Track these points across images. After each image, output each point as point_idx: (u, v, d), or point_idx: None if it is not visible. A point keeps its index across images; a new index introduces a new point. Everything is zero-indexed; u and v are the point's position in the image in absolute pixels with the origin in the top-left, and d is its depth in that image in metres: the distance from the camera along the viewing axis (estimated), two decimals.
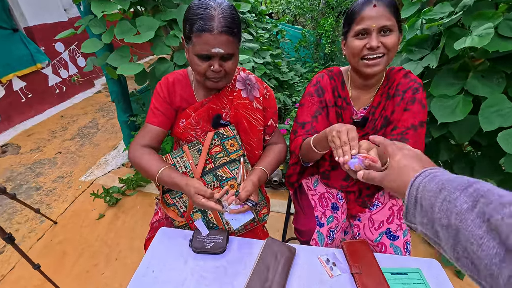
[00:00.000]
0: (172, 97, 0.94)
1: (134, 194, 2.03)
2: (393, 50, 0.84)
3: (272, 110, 1.03)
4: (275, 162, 1.00)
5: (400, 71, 0.96)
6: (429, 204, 0.37)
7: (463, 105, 1.07)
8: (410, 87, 0.92)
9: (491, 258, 0.29)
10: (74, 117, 3.20)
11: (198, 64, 0.82)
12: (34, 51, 3.05)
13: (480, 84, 1.06)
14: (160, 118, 0.94)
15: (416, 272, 0.81)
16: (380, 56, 0.84)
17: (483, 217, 0.31)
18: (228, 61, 0.83)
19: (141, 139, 0.93)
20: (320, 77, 1.01)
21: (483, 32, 0.91)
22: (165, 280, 0.77)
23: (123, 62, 1.26)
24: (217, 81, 0.86)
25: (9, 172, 2.28)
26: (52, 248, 1.64)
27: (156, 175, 0.85)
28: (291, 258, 0.81)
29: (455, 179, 0.37)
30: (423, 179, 0.41)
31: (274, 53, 3.37)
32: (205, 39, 0.77)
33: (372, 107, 0.97)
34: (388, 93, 0.95)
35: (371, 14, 0.81)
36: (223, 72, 0.84)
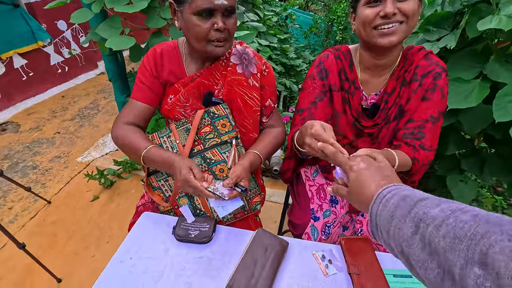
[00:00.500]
0: (160, 70, 0.84)
1: (130, 178, 1.98)
2: (413, 18, 0.71)
3: (271, 89, 0.93)
4: (272, 147, 0.91)
5: (420, 51, 0.82)
6: (385, 235, 0.39)
7: (479, 90, 0.95)
8: (430, 71, 0.79)
9: (436, 279, 0.31)
10: (76, 98, 3.15)
11: (199, 25, 0.71)
12: (36, 28, 2.97)
13: (502, 69, 0.93)
14: (146, 93, 0.85)
15: None
16: (397, 24, 0.71)
17: (424, 241, 0.32)
18: (230, 19, 0.75)
19: (125, 117, 0.84)
20: (324, 56, 0.89)
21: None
22: (143, 269, 0.70)
23: (113, 34, 1.17)
24: (221, 44, 0.76)
25: (7, 150, 2.25)
26: (44, 228, 1.61)
27: (142, 153, 0.77)
28: (282, 252, 0.73)
29: (403, 203, 0.37)
30: (378, 206, 0.41)
31: (282, 38, 3.22)
32: None
33: (386, 93, 0.84)
34: (404, 77, 0.82)
35: None
36: (227, 32, 0.75)
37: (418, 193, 0.38)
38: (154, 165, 0.80)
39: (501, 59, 1.00)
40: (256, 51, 0.95)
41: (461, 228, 0.28)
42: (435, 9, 1.24)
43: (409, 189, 0.40)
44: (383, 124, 0.86)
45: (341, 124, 0.89)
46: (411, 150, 0.79)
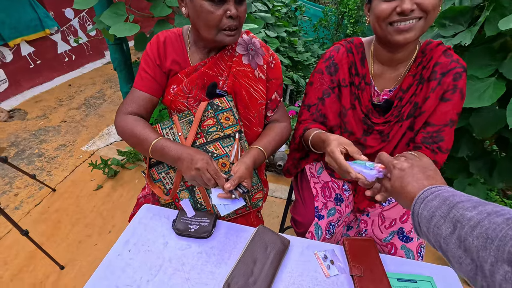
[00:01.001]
0: (163, 59, 0.82)
1: (134, 168, 1.98)
2: (433, 13, 0.66)
3: (278, 81, 0.90)
4: (276, 143, 0.88)
5: (438, 46, 0.77)
6: (426, 231, 0.43)
7: (494, 89, 0.91)
8: (451, 69, 0.74)
9: (470, 273, 0.35)
10: (82, 87, 3.15)
11: (211, 11, 0.68)
12: (43, 15, 2.96)
13: None
14: (148, 83, 0.82)
15: (427, 281, 0.69)
16: (414, 20, 0.66)
17: (460, 239, 0.36)
18: (242, 6, 0.72)
19: (127, 106, 0.82)
20: (335, 50, 0.85)
21: None
22: (140, 263, 0.69)
23: (117, 21, 1.14)
24: (233, 33, 0.73)
25: (13, 137, 2.28)
26: (48, 215, 1.63)
27: (150, 145, 0.75)
28: (283, 251, 0.71)
29: (443, 205, 0.40)
30: (419, 206, 0.44)
31: (290, 30, 3.14)
32: None
33: (401, 90, 0.80)
34: (422, 74, 0.78)
35: None
36: (239, 20, 0.72)
37: (458, 195, 0.41)
38: (162, 157, 0.77)
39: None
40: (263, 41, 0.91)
41: (494, 230, 0.32)
42: (453, 2, 1.18)
43: (450, 190, 0.43)
44: (395, 122, 0.82)
45: (349, 120, 0.85)
46: (430, 153, 0.78)
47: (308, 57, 3.25)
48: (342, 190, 0.94)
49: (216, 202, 0.74)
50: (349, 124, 0.85)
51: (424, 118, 0.79)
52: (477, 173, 1.24)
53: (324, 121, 0.86)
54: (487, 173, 1.21)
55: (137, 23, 1.20)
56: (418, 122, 0.80)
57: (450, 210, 0.38)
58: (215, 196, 0.74)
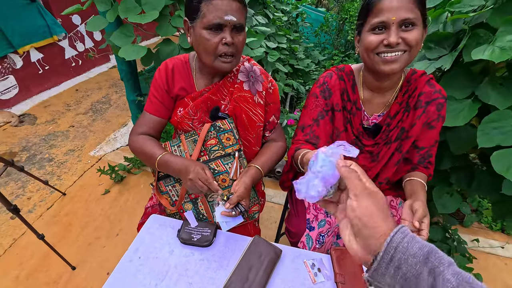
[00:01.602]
0: (171, 85, 0.91)
1: (139, 173, 2.08)
2: (416, 48, 0.74)
3: (275, 106, 0.98)
4: (272, 161, 0.97)
5: (422, 76, 0.86)
6: (414, 274, 0.34)
7: (468, 110, 0.98)
8: (434, 99, 0.84)
9: None
10: (89, 91, 3.25)
11: (208, 39, 0.76)
12: (51, 22, 3.07)
13: (494, 92, 0.95)
14: (157, 107, 0.91)
15: None
16: (400, 53, 0.74)
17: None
18: (239, 35, 0.79)
19: (139, 128, 0.92)
20: (328, 76, 0.92)
21: (506, 44, 0.80)
22: (149, 269, 0.78)
23: (126, 42, 1.23)
24: (229, 59, 0.81)
25: (25, 141, 2.38)
26: (59, 218, 1.73)
27: (157, 159, 0.85)
28: (275, 259, 0.80)
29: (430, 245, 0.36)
30: (403, 237, 0.36)
31: (291, 38, 3.22)
32: (217, 5, 0.73)
33: (389, 116, 0.88)
34: (408, 102, 0.86)
35: (391, 5, 0.70)
36: (235, 47, 0.79)
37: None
38: (167, 170, 0.87)
39: (495, 81, 1.01)
40: (263, 54, 1.00)
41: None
42: (439, 26, 1.25)
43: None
44: (384, 144, 0.90)
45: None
46: (426, 169, 0.91)
47: (308, 63, 3.33)
48: None
49: (219, 219, 0.84)
50: None
51: (410, 141, 0.87)
52: (457, 184, 1.31)
53: (316, 143, 0.92)
54: (466, 185, 1.28)
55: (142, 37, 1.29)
56: (405, 145, 0.88)
57: (452, 263, 0.35)
58: (219, 214, 0.83)
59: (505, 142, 0.89)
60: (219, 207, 0.83)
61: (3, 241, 1.57)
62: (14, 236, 1.61)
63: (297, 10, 3.69)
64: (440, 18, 1.28)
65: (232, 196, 0.82)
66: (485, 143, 0.90)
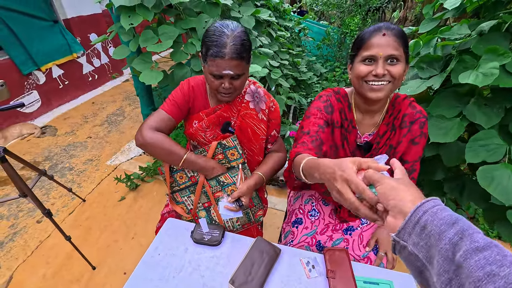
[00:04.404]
0: (192, 98, 1.06)
1: (152, 182, 2.24)
2: (399, 80, 0.86)
3: (276, 121, 1.13)
4: (273, 170, 1.12)
5: (405, 100, 0.98)
6: (438, 232, 0.37)
7: (457, 128, 1.09)
8: (417, 119, 0.94)
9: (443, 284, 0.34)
10: (104, 104, 3.48)
11: (212, 81, 0.93)
12: (71, 41, 3.33)
13: (479, 112, 1.07)
14: (174, 109, 1.03)
15: (387, 284, 0.89)
16: (385, 83, 0.86)
17: (488, 263, 0.32)
18: (237, 80, 0.94)
19: (153, 122, 0.99)
20: (329, 96, 1.03)
21: (488, 71, 0.93)
22: (167, 263, 0.92)
23: (145, 68, 1.41)
24: (227, 96, 0.97)
25: (47, 151, 2.59)
26: (81, 222, 1.90)
27: (184, 156, 0.99)
28: (274, 257, 0.93)
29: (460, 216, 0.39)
30: (434, 206, 0.41)
31: (294, 52, 3.40)
32: (218, 63, 0.88)
33: (378, 135, 1.00)
34: (394, 124, 0.98)
35: (379, 42, 0.83)
36: (233, 88, 0.95)
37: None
38: (191, 166, 1.02)
39: (481, 102, 1.12)
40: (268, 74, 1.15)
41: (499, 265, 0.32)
42: (430, 49, 1.39)
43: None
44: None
45: (340, 155, 1.04)
46: None
47: (311, 76, 3.49)
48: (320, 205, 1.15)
49: (221, 211, 1.02)
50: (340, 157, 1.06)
51: (397, 157, 0.99)
52: (450, 193, 1.43)
53: (320, 146, 0.93)
54: (458, 193, 1.39)
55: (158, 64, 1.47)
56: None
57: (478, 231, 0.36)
58: (222, 206, 1.01)
59: (490, 159, 1.00)
60: (223, 201, 1.01)
61: (31, 243, 1.74)
62: (41, 238, 1.77)
63: (299, 26, 3.88)
64: (431, 42, 1.41)
65: (234, 192, 0.98)
66: (472, 159, 1.02)
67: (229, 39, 0.86)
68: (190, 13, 1.52)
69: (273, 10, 3.01)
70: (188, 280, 0.88)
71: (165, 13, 1.53)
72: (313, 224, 1.10)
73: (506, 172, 0.95)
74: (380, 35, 0.83)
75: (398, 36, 0.83)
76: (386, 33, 0.83)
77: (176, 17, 1.55)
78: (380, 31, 0.83)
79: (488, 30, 1.10)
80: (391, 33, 0.83)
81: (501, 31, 1.05)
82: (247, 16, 1.77)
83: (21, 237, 1.78)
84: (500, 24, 1.06)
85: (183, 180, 1.09)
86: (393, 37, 0.83)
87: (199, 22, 1.47)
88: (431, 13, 1.37)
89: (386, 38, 0.83)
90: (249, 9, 1.84)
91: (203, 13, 1.52)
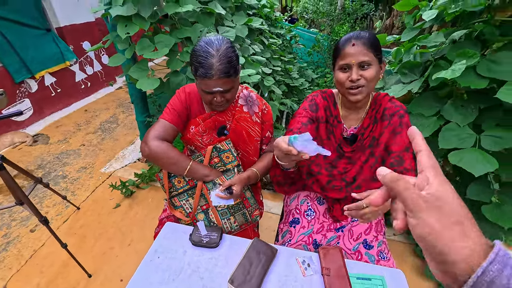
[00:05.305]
0: (189, 104, 1.10)
1: (147, 188, 2.24)
2: (373, 81, 0.95)
3: (270, 123, 1.19)
4: (267, 167, 1.17)
5: (385, 97, 1.07)
6: None
7: (433, 125, 1.18)
8: (395, 112, 1.03)
9: None
10: (97, 112, 3.47)
11: (204, 96, 0.99)
12: (64, 49, 3.33)
13: (456, 112, 1.16)
14: (175, 117, 1.07)
15: (379, 279, 0.94)
16: (361, 88, 0.96)
17: None
18: (228, 93, 0.99)
19: (157, 133, 1.04)
20: (315, 96, 1.14)
21: (456, 67, 1.01)
22: (167, 266, 0.94)
23: (142, 76, 1.44)
24: (220, 107, 1.03)
25: (39, 160, 2.56)
26: (75, 230, 1.88)
27: (188, 165, 1.04)
28: (271, 257, 0.96)
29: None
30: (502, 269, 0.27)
31: (286, 59, 3.48)
32: (207, 82, 0.93)
33: (362, 128, 1.09)
34: (376, 117, 1.06)
35: (350, 52, 0.93)
36: (225, 100, 1.00)
37: None
38: (193, 175, 1.06)
39: (458, 103, 1.22)
40: (261, 80, 1.20)
41: None
42: (410, 56, 1.48)
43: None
44: (359, 150, 1.10)
45: (325, 148, 1.11)
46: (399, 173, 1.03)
47: (302, 82, 3.58)
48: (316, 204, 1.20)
49: (213, 198, 1.06)
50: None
51: (381, 147, 1.06)
52: None
53: None
54: None
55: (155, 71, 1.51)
56: (376, 150, 1.07)
57: None
58: (213, 194, 1.06)
59: (461, 146, 1.11)
60: (214, 190, 1.06)
61: (24, 252, 1.72)
62: (34, 247, 1.75)
63: (290, 33, 3.99)
64: (412, 50, 1.51)
65: (226, 182, 1.04)
66: (445, 145, 1.11)
67: (215, 59, 0.90)
68: (185, 22, 1.57)
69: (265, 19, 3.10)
70: (187, 282, 0.90)
71: (160, 23, 1.57)
72: (310, 224, 1.15)
73: (474, 154, 1.06)
74: (350, 45, 0.93)
75: (366, 44, 0.92)
76: (355, 43, 0.92)
77: (171, 26, 1.60)
78: (350, 42, 0.93)
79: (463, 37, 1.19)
80: (360, 42, 0.92)
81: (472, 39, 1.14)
82: (240, 25, 1.83)
83: (15, 246, 1.75)
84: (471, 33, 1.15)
85: (181, 184, 1.12)
86: (361, 46, 0.92)
87: (194, 32, 1.52)
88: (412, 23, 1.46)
89: (356, 47, 0.92)
90: (242, 18, 1.91)
91: (197, 23, 1.57)
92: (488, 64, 1.05)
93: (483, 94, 1.14)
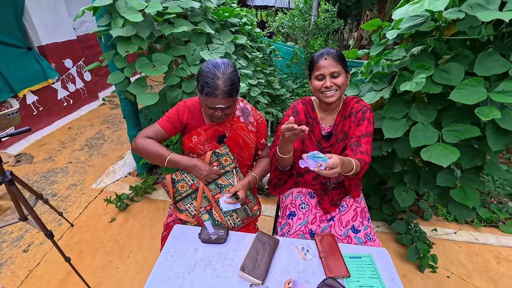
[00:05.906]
0: (185, 117, 1.22)
1: (141, 200, 2.28)
2: (343, 86, 1.17)
3: (264, 131, 1.34)
4: (264, 172, 1.32)
5: (353, 99, 1.29)
6: None
7: (404, 126, 1.40)
8: (360, 109, 1.24)
9: None
10: (82, 129, 3.43)
11: (206, 110, 1.13)
12: (46, 67, 3.31)
13: (420, 113, 1.38)
14: (167, 124, 1.20)
15: (368, 257, 1.09)
16: (333, 91, 1.17)
17: None
18: (228, 109, 1.13)
19: (148, 133, 1.18)
20: (296, 103, 1.34)
21: (419, 80, 1.23)
22: (181, 263, 1.03)
23: (141, 91, 1.54)
24: (220, 120, 1.17)
25: (25, 179, 2.50)
26: (71, 246, 1.87)
27: (167, 157, 1.15)
28: (275, 246, 1.08)
29: None
30: None
31: (267, 71, 3.70)
32: (211, 100, 1.06)
33: (335, 125, 1.29)
34: (345, 114, 1.27)
35: (323, 64, 1.14)
36: (224, 115, 1.14)
37: None
38: (176, 166, 1.17)
39: (420, 106, 1.45)
40: (247, 91, 1.35)
41: None
42: (379, 68, 1.72)
43: None
44: (335, 144, 1.28)
45: (307, 145, 1.30)
46: (354, 155, 1.16)
47: (284, 92, 3.80)
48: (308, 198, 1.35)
49: (222, 205, 1.18)
50: (309, 147, 1.29)
51: (349, 138, 1.25)
52: (409, 183, 1.71)
53: None
54: (416, 183, 1.68)
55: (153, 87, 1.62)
56: (347, 141, 1.26)
57: None
58: (222, 201, 1.18)
59: (428, 142, 1.31)
60: (223, 197, 1.18)
61: (19, 273, 1.69)
62: (29, 267, 1.72)
63: (270, 47, 4.24)
64: (380, 62, 1.75)
65: (231, 188, 1.18)
66: (415, 144, 1.31)
67: (220, 81, 1.04)
68: (178, 42, 1.71)
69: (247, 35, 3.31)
70: (202, 274, 0.99)
71: (156, 42, 1.69)
72: (305, 215, 1.29)
73: (439, 148, 1.26)
74: (322, 59, 1.16)
75: (336, 58, 1.15)
76: (327, 57, 1.15)
77: (166, 45, 1.72)
78: (323, 56, 1.16)
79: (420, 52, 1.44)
80: (330, 57, 1.15)
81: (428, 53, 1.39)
82: (227, 43, 2.00)
83: (8, 268, 1.71)
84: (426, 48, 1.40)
85: (185, 188, 1.22)
86: (332, 60, 1.15)
87: (188, 50, 1.66)
88: (377, 40, 1.71)
89: (327, 60, 1.15)
90: (228, 36, 2.08)
91: (190, 42, 1.71)
92: (441, 73, 1.29)
93: (439, 97, 1.37)
